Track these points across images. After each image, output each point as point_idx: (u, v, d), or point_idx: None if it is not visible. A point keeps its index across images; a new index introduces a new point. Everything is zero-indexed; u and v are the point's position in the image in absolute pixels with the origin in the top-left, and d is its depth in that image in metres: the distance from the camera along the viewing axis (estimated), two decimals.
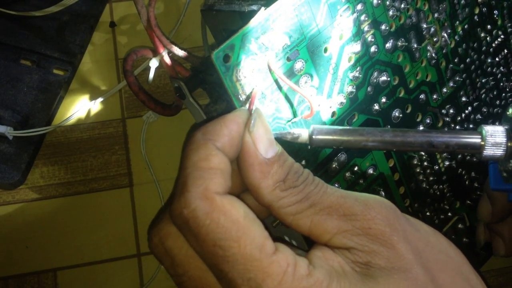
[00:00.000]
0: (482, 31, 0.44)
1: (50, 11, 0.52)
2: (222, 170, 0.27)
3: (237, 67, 0.29)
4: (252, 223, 0.26)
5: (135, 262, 0.53)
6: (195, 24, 0.43)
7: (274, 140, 0.28)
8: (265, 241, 0.26)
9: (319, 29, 0.32)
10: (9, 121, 0.52)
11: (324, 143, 0.31)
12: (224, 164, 0.27)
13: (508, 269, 0.56)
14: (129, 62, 0.40)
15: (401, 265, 0.27)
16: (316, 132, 0.31)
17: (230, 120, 0.28)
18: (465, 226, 0.46)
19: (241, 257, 0.25)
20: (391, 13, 0.37)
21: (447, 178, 0.44)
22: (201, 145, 0.27)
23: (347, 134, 0.31)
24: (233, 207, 0.26)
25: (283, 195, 0.27)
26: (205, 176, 0.26)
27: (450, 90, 0.42)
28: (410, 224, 0.29)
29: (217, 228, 0.26)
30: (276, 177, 0.27)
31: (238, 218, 0.26)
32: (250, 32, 0.29)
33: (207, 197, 0.26)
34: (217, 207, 0.26)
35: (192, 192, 0.26)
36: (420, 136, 0.31)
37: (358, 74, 0.35)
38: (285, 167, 0.28)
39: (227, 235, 0.26)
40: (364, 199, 0.28)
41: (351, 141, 0.31)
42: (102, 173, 0.55)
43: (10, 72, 0.54)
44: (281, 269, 0.25)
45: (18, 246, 0.53)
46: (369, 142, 0.31)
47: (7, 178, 0.52)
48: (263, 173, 0.27)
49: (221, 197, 0.26)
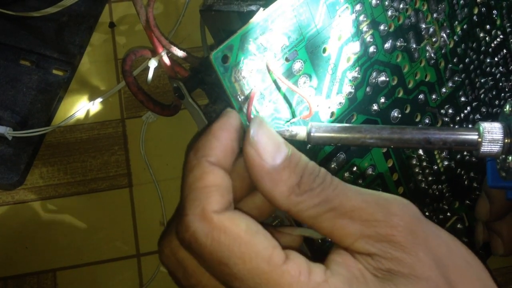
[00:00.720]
0: (481, 31, 0.44)
1: (50, 11, 0.52)
2: (218, 186, 0.27)
3: (235, 67, 0.29)
4: (255, 236, 0.26)
5: (135, 262, 0.53)
6: (194, 24, 0.43)
7: (282, 143, 0.27)
8: (273, 251, 0.25)
9: (317, 30, 0.33)
10: (8, 122, 0.52)
11: (322, 141, 0.31)
12: (220, 179, 0.27)
13: (507, 269, 0.56)
14: (128, 63, 0.40)
15: (423, 272, 0.26)
16: (314, 129, 0.30)
17: (218, 129, 0.28)
18: (464, 226, 0.46)
19: (248, 272, 0.25)
20: (390, 13, 0.37)
21: (446, 178, 0.44)
22: (194, 165, 0.27)
23: (345, 131, 0.30)
24: (233, 224, 0.26)
25: (300, 199, 0.27)
26: (201, 197, 0.26)
27: (449, 90, 0.42)
28: (431, 230, 0.28)
29: (219, 247, 0.25)
30: (290, 183, 0.27)
31: (239, 234, 0.26)
32: (248, 33, 0.29)
33: (205, 217, 0.26)
34: (216, 226, 0.26)
35: (189, 215, 0.26)
36: (418, 133, 0.30)
37: (357, 74, 0.35)
38: (298, 170, 0.27)
39: (230, 253, 0.25)
40: (386, 204, 0.27)
41: (349, 138, 0.30)
42: (101, 174, 0.55)
43: (9, 73, 0.54)
44: (293, 279, 0.25)
45: (18, 247, 0.53)
46: (367, 139, 0.30)
47: (6, 179, 0.52)
48: (274, 182, 0.27)
49: (220, 215, 0.26)
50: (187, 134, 0.56)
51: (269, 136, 0.27)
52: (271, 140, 0.27)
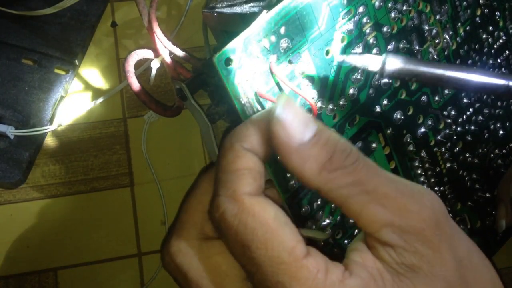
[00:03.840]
0: (484, 32, 0.44)
1: (51, 10, 0.52)
2: (251, 170, 0.26)
3: (238, 70, 0.29)
4: (282, 225, 0.26)
5: (136, 262, 0.53)
6: (197, 26, 0.43)
7: (310, 119, 0.26)
8: (296, 244, 0.25)
9: (321, 32, 0.32)
10: (10, 120, 0.52)
11: (397, 73, 0.29)
12: (252, 163, 0.27)
13: (508, 269, 0.56)
14: (130, 63, 0.40)
15: (442, 272, 0.26)
16: (390, 60, 0.29)
17: (257, 119, 0.28)
18: (466, 228, 0.46)
19: (268, 259, 0.25)
20: (393, 15, 0.37)
21: (448, 180, 0.44)
22: (228, 149, 0.27)
23: (424, 65, 0.29)
24: (263, 209, 0.26)
25: (331, 176, 0.26)
26: (233, 179, 0.26)
27: (451, 92, 0.42)
28: (455, 229, 0.28)
29: (245, 229, 0.25)
30: (320, 159, 0.26)
31: (267, 220, 0.25)
32: (252, 35, 0.29)
33: (236, 199, 0.26)
34: (245, 208, 0.25)
35: (221, 196, 0.26)
36: (498, 77, 0.29)
37: (359, 77, 0.35)
38: (329, 146, 0.26)
39: (254, 237, 0.25)
40: (419, 197, 0.26)
41: (426, 73, 0.29)
42: (103, 173, 0.55)
43: (11, 72, 0.54)
44: (310, 274, 0.25)
45: (19, 246, 0.53)
46: (445, 76, 0.28)
47: (8, 177, 0.52)
48: (303, 159, 0.26)
49: (251, 197, 0.26)
50: (189, 133, 0.56)
51: (296, 113, 0.26)
52: (299, 116, 0.26)
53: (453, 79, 0.29)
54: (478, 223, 0.47)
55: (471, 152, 0.45)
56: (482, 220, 0.48)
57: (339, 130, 0.35)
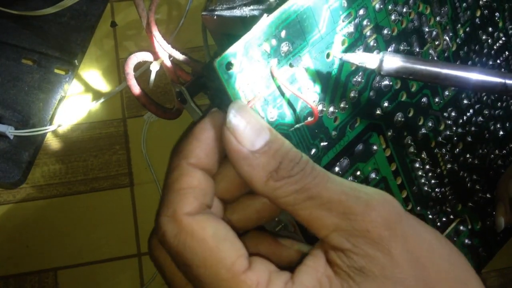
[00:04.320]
0: (484, 33, 0.44)
1: (51, 10, 0.52)
2: (194, 188, 0.27)
3: (239, 74, 0.29)
4: (220, 242, 0.26)
5: (136, 262, 0.54)
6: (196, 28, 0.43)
7: (263, 128, 0.27)
8: (236, 260, 0.26)
9: (321, 35, 0.32)
10: (10, 121, 0.52)
11: (394, 71, 0.29)
12: (196, 181, 0.27)
13: (509, 270, 0.56)
14: (129, 65, 0.40)
15: (395, 274, 0.26)
16: (387, 57, 0.29)
17: (200, 129, 0.28)
18: (467, 228, 0.46)
19: (208, 277, 0.25)
20: (393, 17, 0.37)
21: (449, 181, 0.44)
22: (174, 167, 0.28)
23: (421, 63, 0.29)
24: (201, 227, 0.26)
25: (277, 185, 0.26)
26: (174, 198, 0.27)
27: (451, 93, 0.42)
28: (413, 228, 0.27)
29: (184, 249, 0.26)
30: (268, 168, 0.26)
31: (205, 238, 0.26)
32: (252, 39, 0.29)
33: (176, 219, 0.26)
34: (184, 228, 0.26)
35: (162, 216, 0.27)
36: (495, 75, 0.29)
37: (360, 79, 0.35)
38: (278, 156, 0.26)
39: (194, 256, 0.26)
40: (366, 198, 0.26)
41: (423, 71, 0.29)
42: (102, 173, 0.55)
43: (11, 72, 0.54)
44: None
45: (19, 246, 0.53)
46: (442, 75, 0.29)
47: (8, 178, 0.52)
48: (252, 167, 0.26)
49: (189, 217, 0.26)
50: None
51: (248, 121, 0.27)
52: (251, 124, 0.27)
53: (450, 77, 0.29)
54: (478, 223, 0.47)
55: (472, 153, 0.45)
56: (483, 220, 0.48)
57: (340, 133, 0.35)
